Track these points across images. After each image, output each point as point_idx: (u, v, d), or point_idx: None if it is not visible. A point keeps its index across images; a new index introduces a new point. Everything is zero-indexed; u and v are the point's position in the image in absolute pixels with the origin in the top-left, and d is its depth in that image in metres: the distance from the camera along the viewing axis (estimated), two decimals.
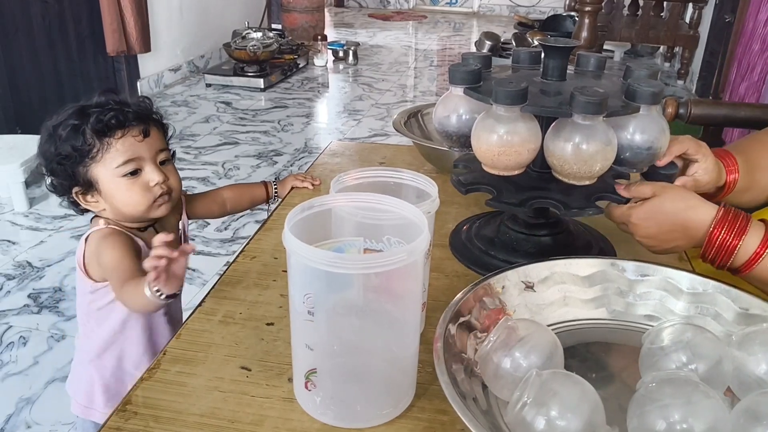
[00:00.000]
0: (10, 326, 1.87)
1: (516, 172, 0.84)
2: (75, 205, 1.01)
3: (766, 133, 1.06)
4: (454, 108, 0.90)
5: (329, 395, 0.64)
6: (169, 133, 1.04)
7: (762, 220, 0.82)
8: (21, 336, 1.83)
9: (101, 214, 0.99)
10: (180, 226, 1.09)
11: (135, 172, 0.95)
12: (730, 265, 0.82)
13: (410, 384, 0.67)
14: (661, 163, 0.89)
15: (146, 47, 3.85)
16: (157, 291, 0.80)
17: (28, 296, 2.01)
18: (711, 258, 0.82)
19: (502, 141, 0.81)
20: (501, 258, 0.92)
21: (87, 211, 1.01)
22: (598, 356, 0.74)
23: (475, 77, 0.85)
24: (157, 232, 1.02)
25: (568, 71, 0.89)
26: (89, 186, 0.96)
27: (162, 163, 0.99)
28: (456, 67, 0.86)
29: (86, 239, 0.98)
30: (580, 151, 0.79)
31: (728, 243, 0.80)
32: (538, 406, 0.56)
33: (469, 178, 0.90)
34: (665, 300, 0.78)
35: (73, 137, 0.93)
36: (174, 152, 1.03)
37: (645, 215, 0.84)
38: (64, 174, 0.96)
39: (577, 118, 0.78)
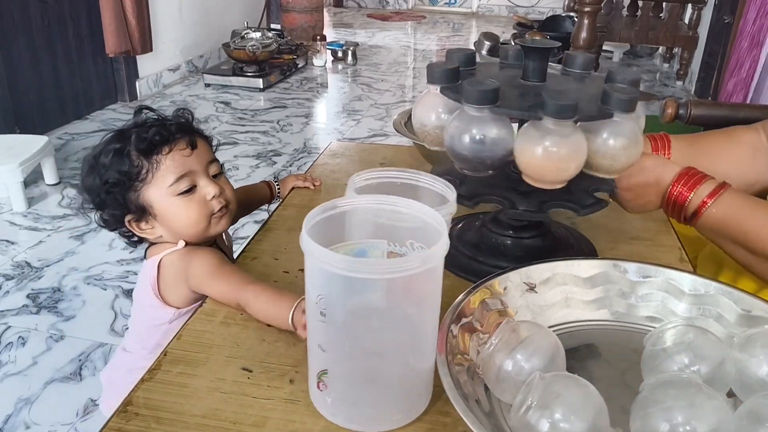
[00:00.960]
0: (9, 326, 1.87)
1: (559, 186, 0.83)
2: (128, 236, 0.95)
3: (741, 128, 1.10)
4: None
5: (340, 397, 0.64)
6: (213, 144, 0.98)
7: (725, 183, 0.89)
8: (20, 336, 1.83)
9: (158, 241, 0.94)
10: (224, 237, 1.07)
11: (190, 189, 0.90)
12: (685, 215, 0.91)
13: (424, 392, 0.66)
14: None
15: (147, 47, 3.84)
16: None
17: (27, 296, 2.01)
18: (670, 210, 0.93)
19: (560, 155, 0.79)
20: (491, 264, 0.90)
21: (141, 242, 0.96)
22: (600, 358, 0.74)
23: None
24: (218, 247, 0.99)
25: (551, 72, 0.88)
26: (143, 212, 0.90)
27: (214, 176, 0.94)
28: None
29: (158, 265, 0.92)
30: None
31: (682, 195, 0.90)
32: (542, 409, 0.56)
33: (466, 189, 0.87)
34: (667, 301, 0.78)
35: (118, 162, 0.88)
36: (222, 164, 0.98)
37: (627, 172, 0.89)
38: (115, 203, 0.90)
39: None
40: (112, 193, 0.89)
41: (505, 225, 0.93)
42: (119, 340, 1.81)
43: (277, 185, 1.20)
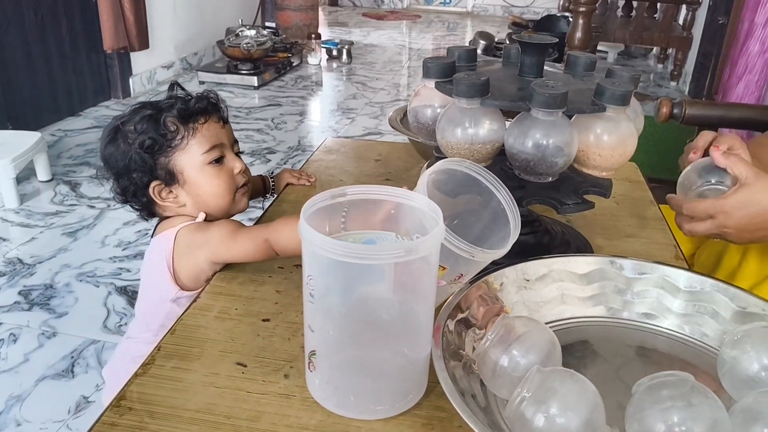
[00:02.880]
0: (1, 323, 1.85)
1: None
2: (140, 208, 0.96)
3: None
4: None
5: (326, 379, 0.64)
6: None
7: None
8: (11, 333, 1.81)
9: (180, 212, 0.95)
10: None
11: (219, 160, 0.94)
12: None
13: (418, 383, 0.66)
14: (721, 162, 0.87)
15: (144, 44, 3.83)
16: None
17: (19, 293, 2.00)
18: None
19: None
20: None
21: (152, 216, 0.98)
22: (595, 354, 0.74)
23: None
24: None
25: (550, 69, 0.88)
26: (171, 178, 0.93)
27: (236, 155, 0.98)
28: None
29: (175, 237, 0.92)
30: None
31: None
32: (538, 403, 0.56)
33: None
34: (662, 298, 0.78)
35: (153, 126, 0.91)
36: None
37: (740, 204, 0.82)
38: (144, 168, 0.92)
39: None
40: (143, 156, 0.91)
41: None
42: (112, 337, 1.80)
43: (272, 180, 1.20)
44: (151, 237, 0.98)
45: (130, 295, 1.99)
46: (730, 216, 0.83)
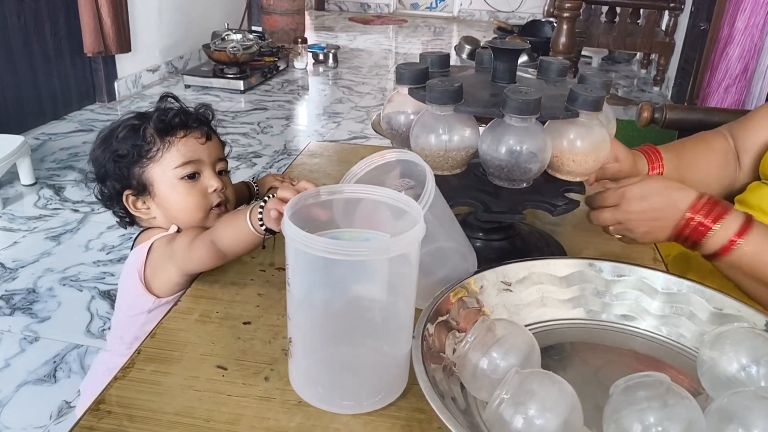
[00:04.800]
0: None
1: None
2: (123, 215, 0.97)
3: (711, 134, 1.12)
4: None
5: (301, 368, 0.65)
6: (226, 151, 1.02)
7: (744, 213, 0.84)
8: None
9: (151, 223, 0.95)
10: None
11: (193, 176, 0.93)
12: (705, 249, 0.84)
13: (397, 380, 0.67)
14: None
15: (125, 47, 3.81)
16: (261, 223, 0.75)
17: (1, 298, 1.98)
18: (682, 241, 0.85)
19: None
20: None
21: (133, 224, 0.98)
22: (574, 356, 0.75)
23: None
24: None
25: (524, 75, 0.89)
26: (143, 189, 0.93)
27: (219, 173, 0.97)
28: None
29: (149, 249, 0.92)
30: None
31: (703, 226, 0.82)
32: (516, 405, 0.57)
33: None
34: (641, 300, 0.79)
35: (132, 136, 0.92)
36: (228, 170, 1.01)
37: (640, 192, 0.86)
38: (118, 175, 0.92)
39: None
40: (118, 163, 0.92)
41: (476, 227, 0.93)
42: (95, 341, 1.79)
43: (256, 185, 1.19)
44: (131, 248, 0.98)
45: (113, 299, 1.98)
46: (632, 203, 0.86)
